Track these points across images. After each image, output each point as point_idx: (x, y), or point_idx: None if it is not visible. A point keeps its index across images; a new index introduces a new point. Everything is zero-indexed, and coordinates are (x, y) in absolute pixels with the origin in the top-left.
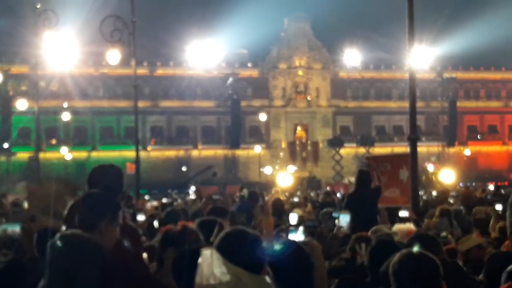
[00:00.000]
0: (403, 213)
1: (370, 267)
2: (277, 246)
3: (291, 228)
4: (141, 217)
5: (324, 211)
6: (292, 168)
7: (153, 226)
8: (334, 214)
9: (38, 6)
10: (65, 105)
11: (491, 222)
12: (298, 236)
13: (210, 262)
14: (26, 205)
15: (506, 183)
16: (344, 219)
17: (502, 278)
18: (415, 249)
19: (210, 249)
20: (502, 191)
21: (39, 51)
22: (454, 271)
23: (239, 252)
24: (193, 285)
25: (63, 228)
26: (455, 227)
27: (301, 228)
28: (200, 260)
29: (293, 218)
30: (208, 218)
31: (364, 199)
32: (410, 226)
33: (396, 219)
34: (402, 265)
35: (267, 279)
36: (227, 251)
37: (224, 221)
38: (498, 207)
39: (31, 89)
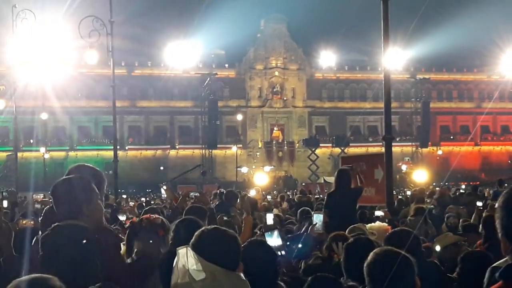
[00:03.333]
0: (379, 213)
1: (345, 265)
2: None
3: (266, 232)
4: (122, 217)
5: (302, 210)
6: (268, 167)
7: None
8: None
9: (16, 6)
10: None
11: (473, 217)
12: (274, 239)
13: (185, 260)
14: None
15: (477, 182)
16: (318, 219)
17: (486, 274)
18: (389, 247)
19: (185, 247)
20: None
21: (17, 50)
22: (431, 269)
23: (215, 249)
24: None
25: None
26: (430, 225)
27: (276, 232)
28: (175, 259)
29: (269, 218)
30: (188, 218)
31: (344, 198)
32: (384, 224)
33: (366, 218)
34: (377, 263)
35: (242, 276)
36: (203, 249)
37: (202, 221)
38: (479, 204)
39: (8, 89)
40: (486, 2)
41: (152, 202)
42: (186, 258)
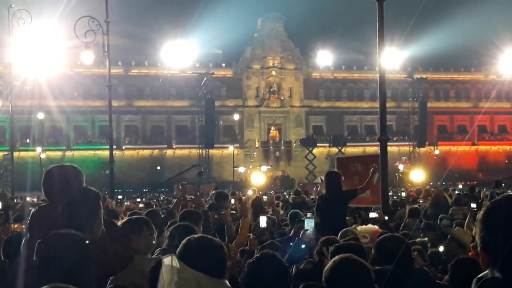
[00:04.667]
0: (373, 214)
1: None
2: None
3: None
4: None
5: (291, 213)
6: (265, 167)
7: None
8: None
9: (12, 6)
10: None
11: (467, 219)
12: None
13: (171, 268)
14: None
15: (475, 182)
16: (309, 224)
17: (472, 285)
18: (346, 254)
19: (170, 256)
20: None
21: (13, 50)
22: (419, 276)
23: (200, 258)
24: None
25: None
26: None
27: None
28: (162, 267)
29: (262, 221)
30: (183, 224)
31: (335, 200)
32: (374, 227)
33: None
34: (333, 271)
35: (227, 283)
36: (189, 258)
37: (197, 227)
38: (473, 205)
39: (5, 88)
40: (483, 2)
41: (151, 203)
42: (171, 267)
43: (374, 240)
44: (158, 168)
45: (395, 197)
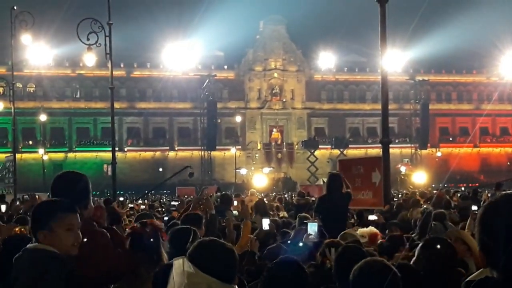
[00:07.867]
0: (372, 217)
1: (336, 274)
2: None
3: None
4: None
5: (300, 217)
6: (267, 169)
7: None
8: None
9: (14, 8)
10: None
11: (468, 222)
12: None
13: (182, 271)
14: None
15: (477, 184)
16: (312, 228)
17: None
18: (377, 258)
19: (182, 258)
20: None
21: (15, 52)
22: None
23: (212, 261)
24: None
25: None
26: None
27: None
28: (172, 269)
29: (265, 223)
30: (182, 227)
31: (335, 202)
32: (373, 229)
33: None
34: (361, 273)
35: None
36: (200, 261)
37: (199, 230)
38: (474, 208)
39: (7, 90)
40: (485, 4)
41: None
42: (182, 269)
43: (372, 241)
44: (160, 170)
45: (395, 199)
